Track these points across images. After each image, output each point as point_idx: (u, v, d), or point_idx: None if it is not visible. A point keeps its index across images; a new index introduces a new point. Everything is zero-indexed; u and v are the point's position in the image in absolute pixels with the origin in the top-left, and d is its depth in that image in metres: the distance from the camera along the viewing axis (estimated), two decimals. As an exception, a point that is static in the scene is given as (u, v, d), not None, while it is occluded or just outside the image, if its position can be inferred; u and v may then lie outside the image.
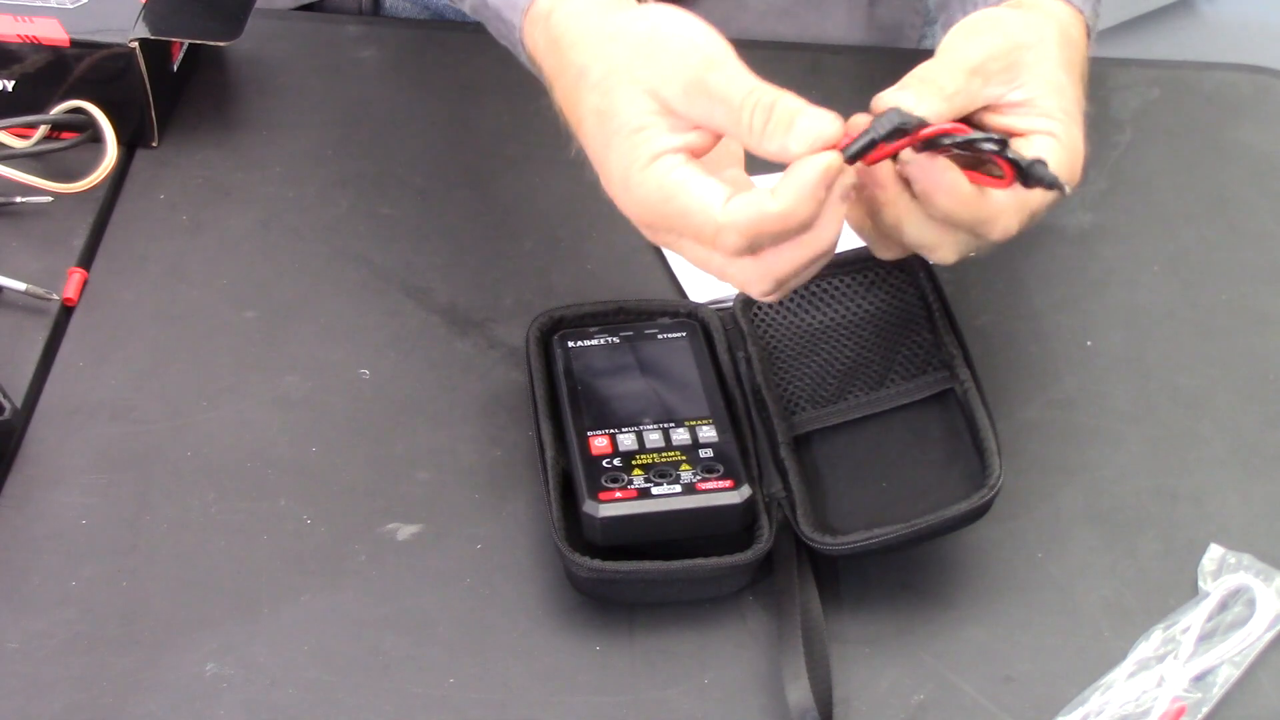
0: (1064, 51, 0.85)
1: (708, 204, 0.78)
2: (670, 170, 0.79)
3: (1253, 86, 1.18)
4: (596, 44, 0.83)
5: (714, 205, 0.78)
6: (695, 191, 0.78)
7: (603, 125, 0.81)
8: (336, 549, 0.88)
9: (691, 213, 0.78)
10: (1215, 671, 0.83)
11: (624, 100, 0.80)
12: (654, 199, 0.79)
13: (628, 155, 0.80)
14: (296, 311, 1.00)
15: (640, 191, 0.80)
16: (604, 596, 0.85)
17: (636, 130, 0.80)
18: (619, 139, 0.80)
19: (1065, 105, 0.84)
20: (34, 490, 0.90)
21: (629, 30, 0.82)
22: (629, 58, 0.81)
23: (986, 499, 0.83)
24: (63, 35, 1.05)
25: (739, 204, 0.77)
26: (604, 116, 0.81)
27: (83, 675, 0.82)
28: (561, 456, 0.87)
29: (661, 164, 0.79)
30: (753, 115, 0.78)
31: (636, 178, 0.80)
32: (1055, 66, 0.84)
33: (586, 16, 0.85)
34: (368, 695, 0.82)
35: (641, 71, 0.80)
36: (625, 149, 0.80)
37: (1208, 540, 0.89)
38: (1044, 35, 0.85)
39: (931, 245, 0.83)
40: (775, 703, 0.82)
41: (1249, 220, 1.08)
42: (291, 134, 1.12)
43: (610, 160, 0.81)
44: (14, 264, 1.00)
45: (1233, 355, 1.00)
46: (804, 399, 0.91)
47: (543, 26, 0.86)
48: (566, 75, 0.84)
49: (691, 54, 0.80)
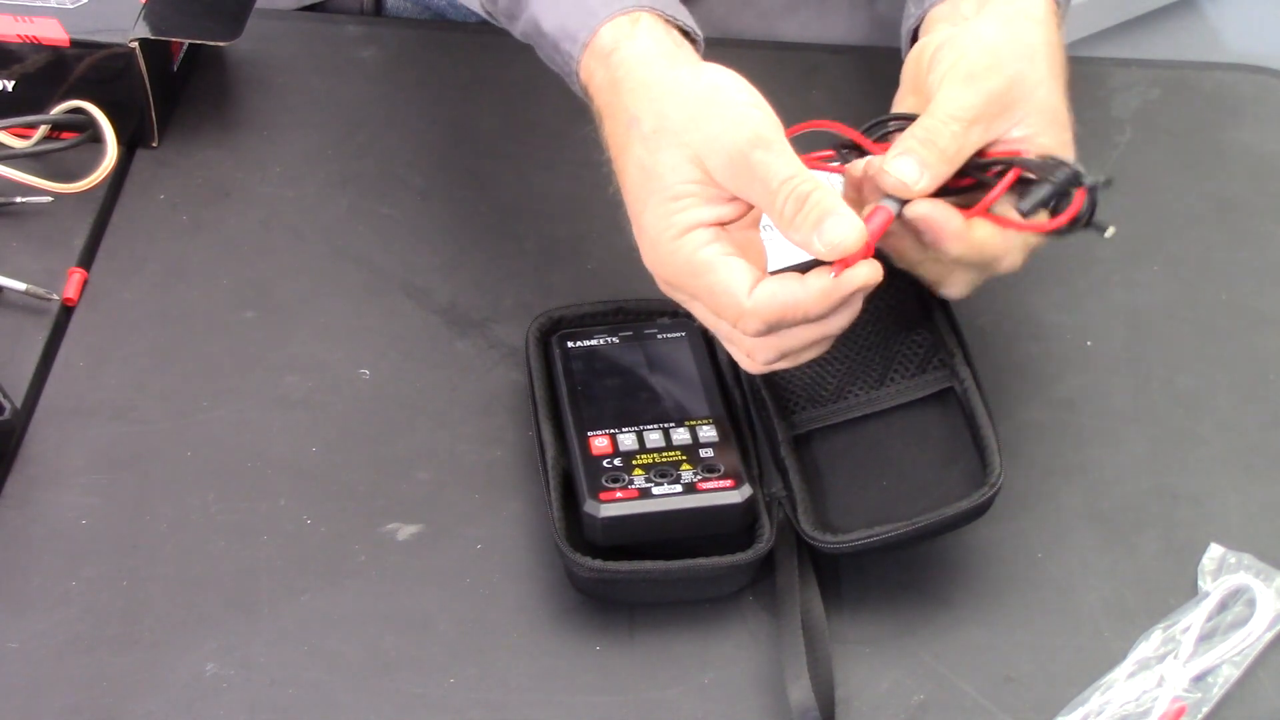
0: (1051, 66, 0.86)
1: (735, 289, 0.80)
2: (701, 246, 0.81)
3: (1253, 86, 1.18)
4: (653, 97, 0.84)
5: (741, 290, 0.80)
6: (723, 274, 0.80)
7: (645, 182, 0.83)
8: (336, 549, 0.88)
9: (718, 293, 0.81)
10: (1215, 671, 0.83)
11: (668, 163, 0.82)
12: (682, 270, 0.82)
13: (662, 220, 0.82)
14: (296, 311, 1.00)
15: (670, 260, 0.82)
16: (604, 596, 0.85)
17: (675, 198, 0.81)
18: (656, 201, 0.82)
19: (1062, 137, 0.85)
20: (34, 490, 0.90)
21: (687, 89, 0.83)
22: (681, 118, 0.82)
23: (987, 497, 0.83)
24: (63, 35, 1.05)
25: (766, 293, 0.80)
26: (647, 174, 0.82)
27: (83, 675, 0.82)
28: (562, 456, 0.87)
29: (693, 238, 0.81)
30: (785, 202, 0.79)
31: (668, 245, 0.82)
32: (1049, 91, 0.85)
33: (649, 64, 0.85)
34: (368, 695, 0.82)
35: (691, 135, 0.81)
36: (661, 213, 0.82)
37: (1208, 540, 0.89)
38: (1034, 52, 0.85)
39: (943, 282, 0.86)
40: (776, 702, 0.82)
41: (1249, 220, 1.08)
42: (291, 134, 1.12)
43: (645, 219, 0.83)
44: (14, 264, 1.00)
45: (1233, 355, 1.00)
46: (804, 398, 0.91)
47: (603, 62, 0.87)
48: (619, 120, 0.85)
49: (742, 127, 0.81)
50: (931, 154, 0.82)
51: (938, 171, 0.82)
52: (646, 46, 0.86)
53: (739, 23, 1.21)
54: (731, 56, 0.91)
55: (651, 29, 0.87)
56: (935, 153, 0.82)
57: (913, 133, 0.83)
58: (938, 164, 0.82)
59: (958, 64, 0.84)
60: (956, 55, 0.85)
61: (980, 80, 0.83)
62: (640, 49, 0.86)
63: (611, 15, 0.87)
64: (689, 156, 0.81)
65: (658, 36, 0.86)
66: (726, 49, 0.90)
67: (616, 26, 0.87)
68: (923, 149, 0.82)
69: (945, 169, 0.83)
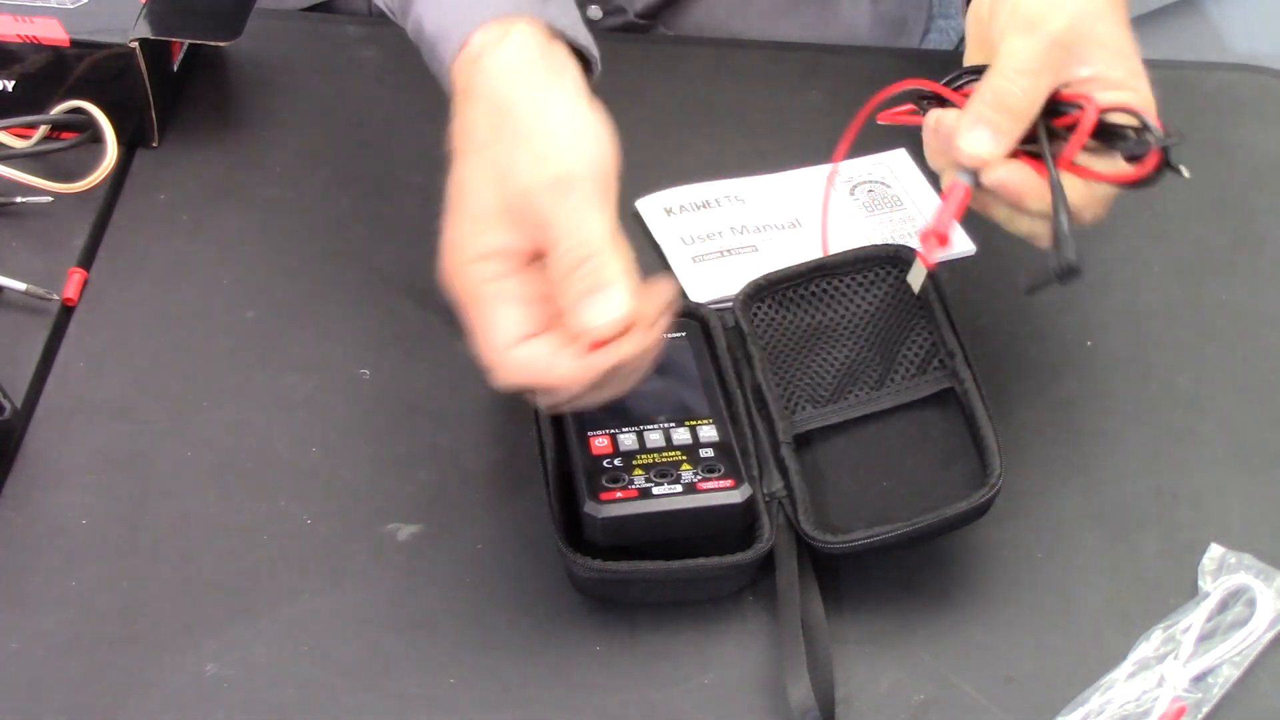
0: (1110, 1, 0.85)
1: (496, 334, 0.79)
2: (485, 279, 0.80)
3: (1253, 86, 1.18)
4: (487, 112, 0.82)
5: (506, 338, 0.79)
6: (492, 315, 0.79)
7: (456, 197, 0.82)
8: (336, 549, 0.88)
9: (486, 331, 0.80)
10: (1215, 671, 0.83)
11: (475, 183, 0.81)
12: (464, 295, 0.81)
13: (460, 240, 0.81)
14: (296, 311, 1.00)
15: (457, 281, 0.81)
16: (604, 596, 0.85)
17: (475, 219, 0.81)
18: (459, 219, 0.81)
19: (1131, 66, 0.84)
20: (34, 490, 0.90)
21: (519, 109, 0.82)
22: (501, 141, 0.81)
23: (987, 498, 0.83)
24: (63, 35, 1.05)
25: (526, 353, 0.79)
26: (459, 189, 0.82)
27: (83, 675, 0.82)
28: (562, 456, 0.87)
29: (482, 267, 0.80)
30: (564, 258, 0.78)
31: (458, 267, 0.81)
32: (1109, 24, 0.84)
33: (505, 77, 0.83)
34: (368, 695, 0.82)
35: (504, 158, 0.80)
36: (460, 232, 0.81)
37: (1208, 540, 0.89)
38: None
39: (1037, 235, 0.85)
40: (776, 703, 0.82)
41: (1249, 220, 1.08)
42: (291, 134, 1.11)
43: (447, 234, 0.82)
44: (14, 264, 1.00)
45: (1233, 355, 1.00)
46: (804, 398, 0.91)
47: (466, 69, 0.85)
48: (458, 129, 0.84)
49: (551, 162, 0.79)
50: (1004, 117, 0.82)
51: (1013, 133, 0.82)
52: (510, 58, 0.83)
53: (739, 23, 1.21)
54: (731, 56, 0.91)
55: (523, 40, 0.84)
56: (1007, 115, 0.82)
57: (981, 95, 0.82)
58: (1012, 125, 0.82)
59: (1016, 11, 0.83)
60: (1014, 2, 0.84)
61: (1041, 25, 0.82)
62: (502, 60, 0.84)
63: (484, 21, 0.84)
64: (496, 180, 0.80)
65: (527, 49, 0.84)
66: (726, 49, 0.91)
67: (487, 33, 0.84)
68: (994, 113, 0.82)
69: (1020, 128, 0.82)
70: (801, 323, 0.94)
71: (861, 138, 0.92)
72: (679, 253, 1.03)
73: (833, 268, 0.94)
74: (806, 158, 0.98)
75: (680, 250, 1.03)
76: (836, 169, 0.96)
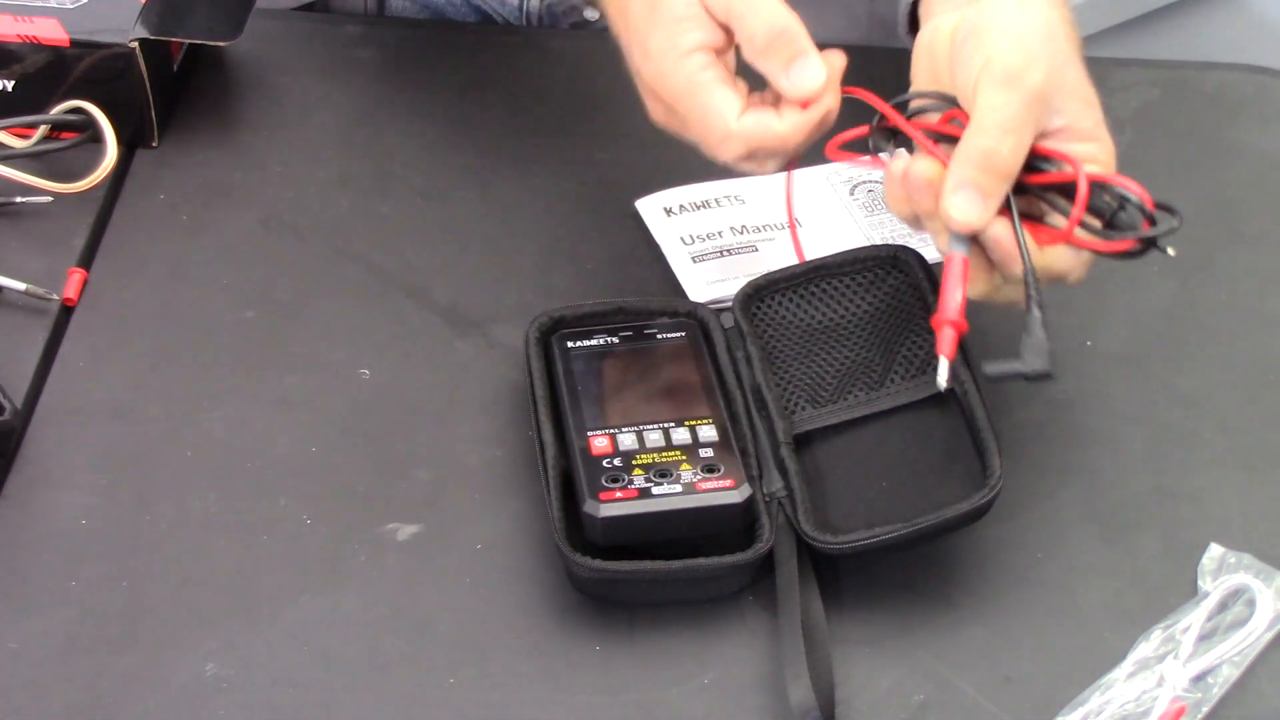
0: (1071, 44, 0.85)
1: (724, 111, 0.88)
2: (700, 69, 0.88)
3: (1253, 86, 1.18)
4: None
5: (730, 114, 0.88)
6: (717, 96, 0.88)
7: (650, 10, 0.89)
8: (336, 549, 0.88)
9: (710, 113, 0.88)
10: (1215, 671, 0.83)
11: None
12: (681, 88, 0.89)
13: (668, 41, 0.88)
14: (296, 311, 1.00)
15: (672, 77, 0.89)
16: (604, 596, 0.85)
17: (679, 20, 0.88)
18: (662, 24, 0.89)
19: (1096, 116, 0.85)
20: (34, 490, 0.90)
21: None
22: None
23: (987, 499, 0.83)
24: (63, 35, 1.05)
25: (750, 121, 0.88)
26: (652, 5, 0.89)
27: (83, 675, 0.82)
28: (562, 456, 0.87)
29: (694, 59, 0.88)
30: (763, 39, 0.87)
31: (672, 64, 0.89)
32: (1077, 72, 0.84)
33: None
34: (368, 695, 0.82)
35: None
36: (667, 35, 0.89)
37: (1208, 540, 0.89)
38: (1055, 32, 0.84)
39: (1019, 303, 0.84)
40: (776, 703, 0.82)
41: (1249, 220, 1.08)
42: (291, 134, 1.12)
43: (651, 42, 0.89)
44: (14, 264, 1.00)
45: (1233, 355, 1.00)
46: (804, 398, 0.91)
47: None
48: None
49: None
50: (991, 179, 0.81)
51: (1000, 195, 0.82)
52: None
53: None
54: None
55: None
56: (995, 177, 0.81)
57: (967, 156, 0.81)
58: (999, 187, 0.81)
59: (992, 64, 0.82)
60: (987, 53, 0.82)
61: (1021, 80, 0.82)
62: None
63: None
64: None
65: None
66: (726, 49, 0.91)
67: None
68: (982, 175, 0.81)
69: (1006, 188, 0.82)
70: (801, 323, 0.94)
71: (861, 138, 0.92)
72: (679, 253, 1.03)
73: (832, 268, 0.94)
74: (806, 158, 0.97)
75: (680, 250, 1.03)
76: (792, 176, 0.97)
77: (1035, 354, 0.81)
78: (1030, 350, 0.81)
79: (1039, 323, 0.81)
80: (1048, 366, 0.81)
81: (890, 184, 0.85)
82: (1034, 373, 0.81)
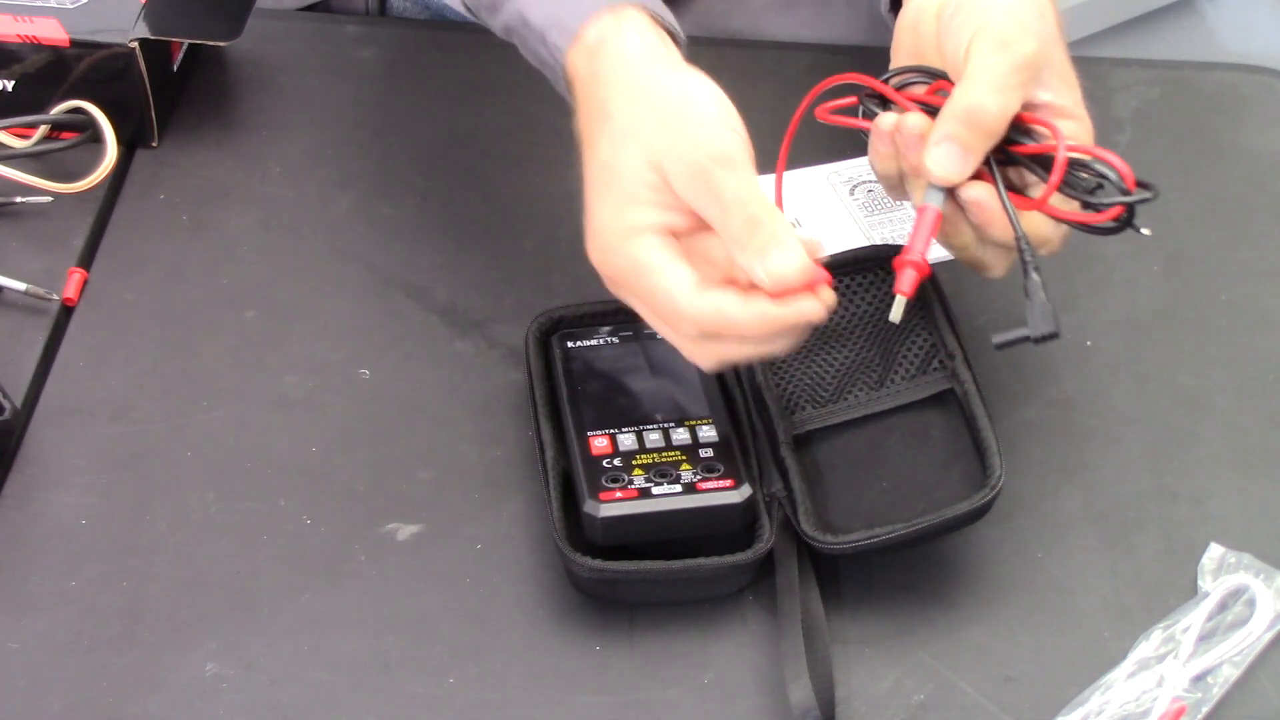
0: (1057, 24, 0.86)
1: (675, 292, 0.80)
2: (647, 249, 0.81)
3: (1253, 86, 1.18)
4: (629, 97, 0.84)
5: (681, 294, 0.80)
6: (665, 277, 0.81)
7: (604, 179, 0.83)
8: (336, 549, 0.88)
9: (658, 294, 0.81)
10: (1215, 671, 0.83)
11: (629, 163, 0.82)
12: (626, 269, 0.82)
13: (613, 219, 0.82)
14: (296, 311, 1.00)
15: (615, 258, 0.82)
16: (604, 596, 0.85)
17: (629, 199, 0.82)
18: (611, 199, 0.83)
19: (1077, 96, 0.85)
20: (34, 490, 0.90)
21: (663, 94, 0.83)
22: (651, 122, 0.82)
23: (987, 499, 0.83)
24: (63, 35, 1.05)
25: (707, 303, 0.80)
26: (608, 171, 0.83)
27: (83, 675, 0.82)
28: (562, 456, 0.87)
29: (641, 240, 0.81)
30: (736, 222, 0.79)
31: (615, 244, 0.82)
32: (1062, 52, 0.85)
33: (632, 63, 0.85)
34: (368, 695, 0.82)
35: (656, 140, 0.81)
36: (613, 211, 0.82)
37: (1208, 540, 0.89)
38: (1044, 10, 0.85)
39: (988, 265, 0.86)
40: (776, 703, 0.82)
41: (1249, 220, 1.08)
42: (291, 134, 1.12)
43: (597, 215, 0.83)
44: (14, 264, 1.00)
45: (1233, 355, 1.00)
46: (804, 398, 0.91)
47: (588, 56, 0.87)
48: (592, 113, 0.85)
49: (708, 142, 0.81)
50: (975, 135, 0.81)
51: (982, 152, 0.82)
52: (633, 44, 0.86)
53: (737, 20, 1.21)
54: (730, 56, 0.92)
55: (638, 26, 0.86)
56: (978, 133, 0.81)
57: (952, 111, 0.82)
58: (982, 144, 0.82)
59: (984, 30, 0.83)
60: (980, 22, 0.83)
61: (1015, 45, 0.82)
62: (626, 47, 0.86)
63: (600, 10, 0.87)
64: (650, 161, 0.81)
65: (644, 34, 0.86)
66: (725, 48, 0.91)
67: (602, 22, 0.87)
68: (965, 130, 0.81)
69: (989, 146, 0.82)
70: (801, 323, 0.94)
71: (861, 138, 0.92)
72: (679, 253, 1.02)
73: (832, 268, 0.94)
74: (806, 158, 0.98)
75: (680, 250, 1.03)
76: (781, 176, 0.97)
77: (1040, 317, 0.82)
78: (1035, 314, 0.82)
79: (1039, 286, 0.82)
80: (1054, 328, 0.82)
81: (877, 139, 0.86)
82: (1040, 335, 0.82)
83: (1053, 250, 0.85)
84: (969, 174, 0.82)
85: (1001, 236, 0.83)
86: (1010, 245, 0.83)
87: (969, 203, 0.83)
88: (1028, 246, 0.82)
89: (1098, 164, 0.81)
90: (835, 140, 0.95)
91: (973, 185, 0.82)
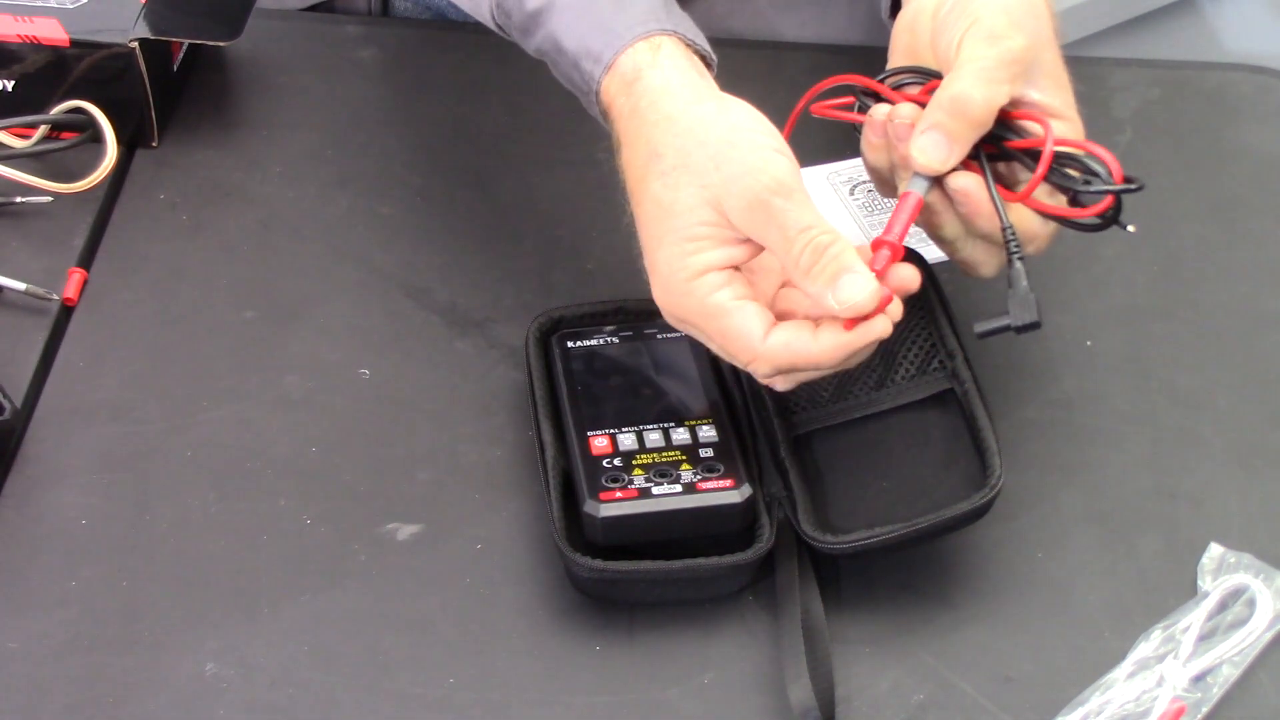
0: (1051, 26, 0.86)
1: (749, 333, 0.81)
2: (714, 289, 0.81)
3: (1253, 86, 1.18)
4: (676, 133, 0.83)
5: (755, 336, 0.81)
6: (737, 319, 0.81)
7: (661, 219, 0.83)
8: (336, 549, 0.88)
9: (731, 337, 0.81)
10: (1215, 671, 0.83)
11: (686, 203, 0.82)
12: (695, 311, 0.82)
13: (677, 261, 0.82)
14: (296, 311, 1.00)
15: (683, 301, 0.82)
16: (604, 596, 0.85)
17: (691, 239, 0.81)
18: (671, 241, 0.82)
19: (1067, 98, 0.86)
20: (34, 490, 0.90)
21: (710, 127, 0.83)
22: (702, 158, 0.82)
23: (987, 499, 0.83)
24: (63, 35, 1.05)
25: (779, 342, 0.81)
26: (664, 211, 0.82)
27: (83, 675, 0.82)
28: (562, 456, 0.87)
29: (707, 281, 0.81)
30: (803, 253, 0.80)
31: (682, 287, 0.82)
32: (1054, 53, 0.85)
33: (673, 96, 0.85)
34: (368, 695, 0.82)
35: (711, 176, 0.81)
36: (675, 254, 0.82)
37: (1208, 540, 0.89)
38: (1038, 11, 0.85)
39: (976, 262, 0.86)
40: (776, 703, 0.82)
41: (1249, 220, 1.08)
42: (291, 134, 1.12)
43: (659, 258, 0.83)
44: (14, 264, 1.00)
45: (1233, 355, 1.00)
46: (804, 398, 0.91)
47: (625, 88, 0.86)
48: (638, 151, 0.85)
49: (763, 173, 0.80)
50: (961, 124, 0.82)
51: (968, 142, 0.82)
52: (670, 77, 0.85)
53: (739, 20, 1.21)
54: (730, 56, 0.91)
55: (673, 56, 0.86)
56: (965, 122, 0.82)
57: (939, 101, 0.82)
58: (968, 134, 0.82)
59: (977, 25, 0.83)
60: (972, 18, 0.84)
61: (1005, 40, 0.83)
62: (664, 79, 0.85)
63: (634, 39, 0.86)
64: (707, 198, 0.81)
65: (680, 65, 0.86)
66: (726, 48, 0.90)
67: (638, 52, 0.86)
68: (951, 119, 0.82)
69: (975, 136, 0.82)
70: (801, 323, 0.94)
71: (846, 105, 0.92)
72: (679, 253, 1.02)
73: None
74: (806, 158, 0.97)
75: (680, 250, 1.03)
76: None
77: (1022, 306, 0.82)
78: (1016, 303, 0.82)
79: (1022, 274, 0.82)
80: (1035, 317, 0.82)
81: (870, 129, 0.86)
82: (1022, 324, 0.82)
83: (1040, 248, 0.85)
84: (954, 163, 0.82)
85: (988, 228, 0.83)
86: (998, 240, 0.84)
87: (956, 192, 0.83)
88: (1014, 236, 0.82)
89: (1086, 158, 0.81)
90: (835, 140, 0.95)
91: (960, 175, 0.83)
